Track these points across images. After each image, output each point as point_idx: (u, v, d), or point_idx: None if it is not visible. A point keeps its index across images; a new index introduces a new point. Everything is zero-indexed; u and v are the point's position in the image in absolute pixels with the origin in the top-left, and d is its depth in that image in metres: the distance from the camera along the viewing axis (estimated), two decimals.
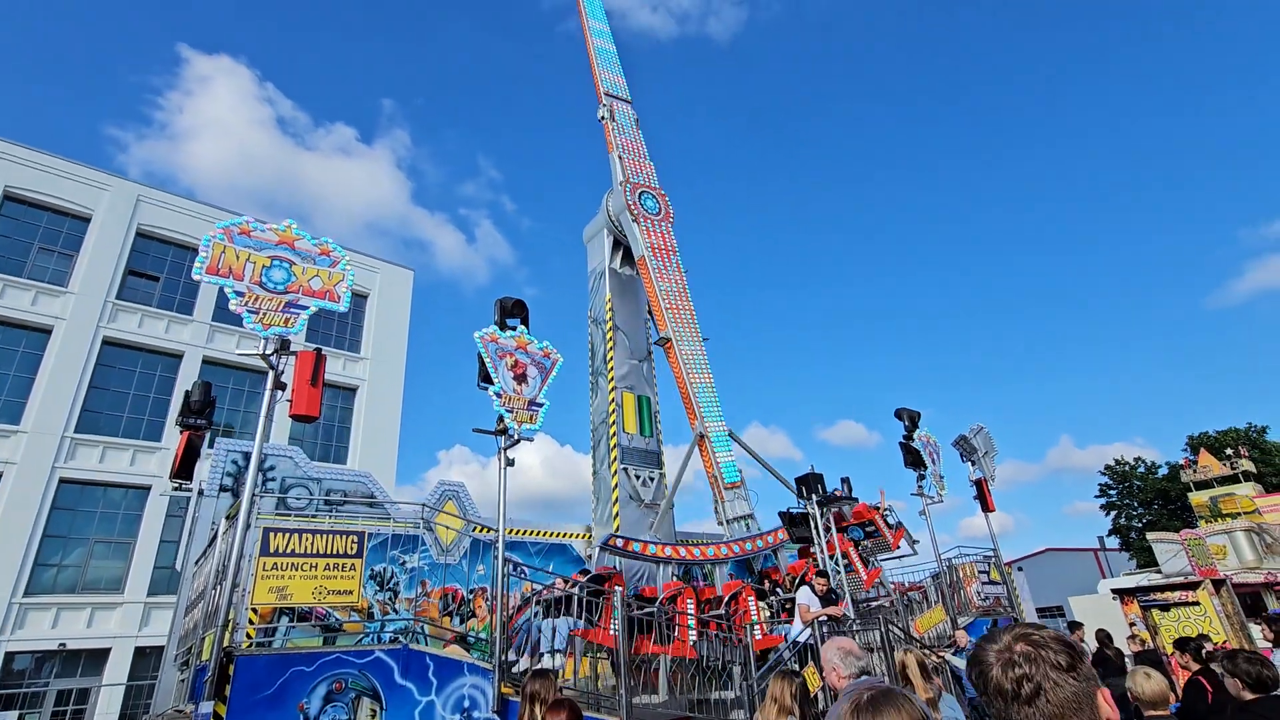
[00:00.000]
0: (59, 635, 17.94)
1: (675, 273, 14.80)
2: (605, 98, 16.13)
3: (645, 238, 14.68)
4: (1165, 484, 40.02)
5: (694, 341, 14.37)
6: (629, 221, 14.78)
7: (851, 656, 3.33)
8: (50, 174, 21.80)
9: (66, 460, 19.36)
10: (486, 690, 7.05)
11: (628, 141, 15.79)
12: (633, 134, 15.97)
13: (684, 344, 14.20)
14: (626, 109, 16.28)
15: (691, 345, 14.30)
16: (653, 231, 14.84)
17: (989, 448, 15.04)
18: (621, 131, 15.82)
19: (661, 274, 14.56)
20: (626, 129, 15.94)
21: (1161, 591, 14.14)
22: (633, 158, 15.61)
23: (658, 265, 14.59)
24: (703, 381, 14.02)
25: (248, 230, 6.61)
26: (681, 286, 14.78)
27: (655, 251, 14.68)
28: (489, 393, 7.94)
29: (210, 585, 7.34)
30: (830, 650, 3.40)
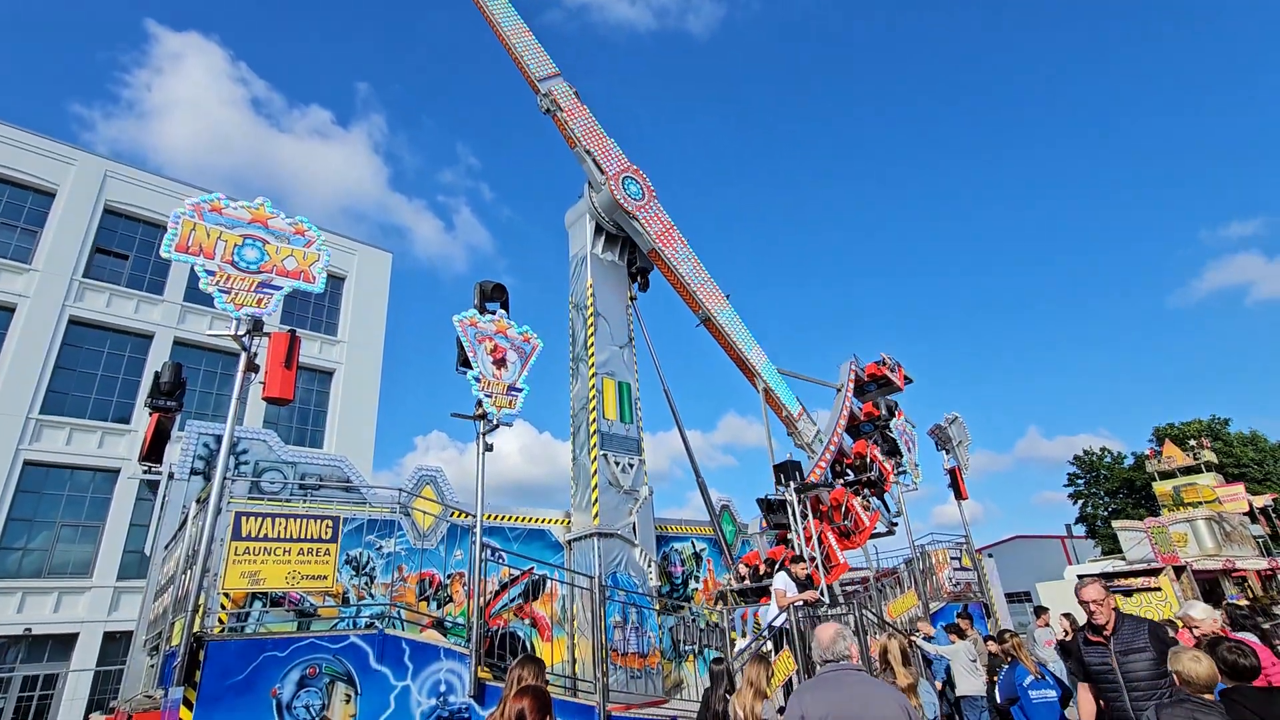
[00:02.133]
0: (24, 620, 17.56)
1: (685, 250, 14.98)
2: (541, 84, 15.50)
3: (647, 228, 14.52)
4: (1131, 474, 41.12)
5: (725, 308, 15.09)
6: (626, 219, 14.64)
7: (817, 646, 3.40)
8: (13, 146, 21.02)
9: (31, 442, 18.86)
10: (463, 675, 7.04)
11: (584, 126, 15.33)
12: (582, 115, 15.44)
13: (721, 316, 14.94)
14: (564, 87, 15.64)
15: (725, 314, 15.04)
16: (649, 219, 14.67)
17: (963, 437, 15.29)
18: (572, 118, 15.31)
19: (676, 257, 14.77)
20: (575, 112, 15.35)
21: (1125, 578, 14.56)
22: (597, 144, 15.17)
23: (670, 252, 14.70)
24: (745, 340, 14.92)
25: (219, 207, 6.43)
26: (694, 260, 15.16)
27: (661, 238, 14.66)
28: (468, 377, 7.86)
29: (180, 570, 7.21)
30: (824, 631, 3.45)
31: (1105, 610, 4.42)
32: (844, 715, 2.96)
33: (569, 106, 15.42)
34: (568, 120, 15.28)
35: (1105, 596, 4.47)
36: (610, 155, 15.24)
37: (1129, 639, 4.31)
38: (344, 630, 6.79)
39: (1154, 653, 4.17)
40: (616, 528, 12.25)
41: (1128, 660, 4.24)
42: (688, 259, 14.96)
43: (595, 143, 15.32)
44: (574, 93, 15.75)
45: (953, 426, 15.14)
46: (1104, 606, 4.43)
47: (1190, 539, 19.64)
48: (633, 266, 15.81)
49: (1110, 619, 4.41)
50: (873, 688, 3.11)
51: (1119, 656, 4.26)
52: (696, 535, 14.94)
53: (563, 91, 15.64)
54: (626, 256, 15.79)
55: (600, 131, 15.59)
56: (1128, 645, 4.28)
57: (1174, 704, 3.34)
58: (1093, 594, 4.48)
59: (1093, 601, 4.47)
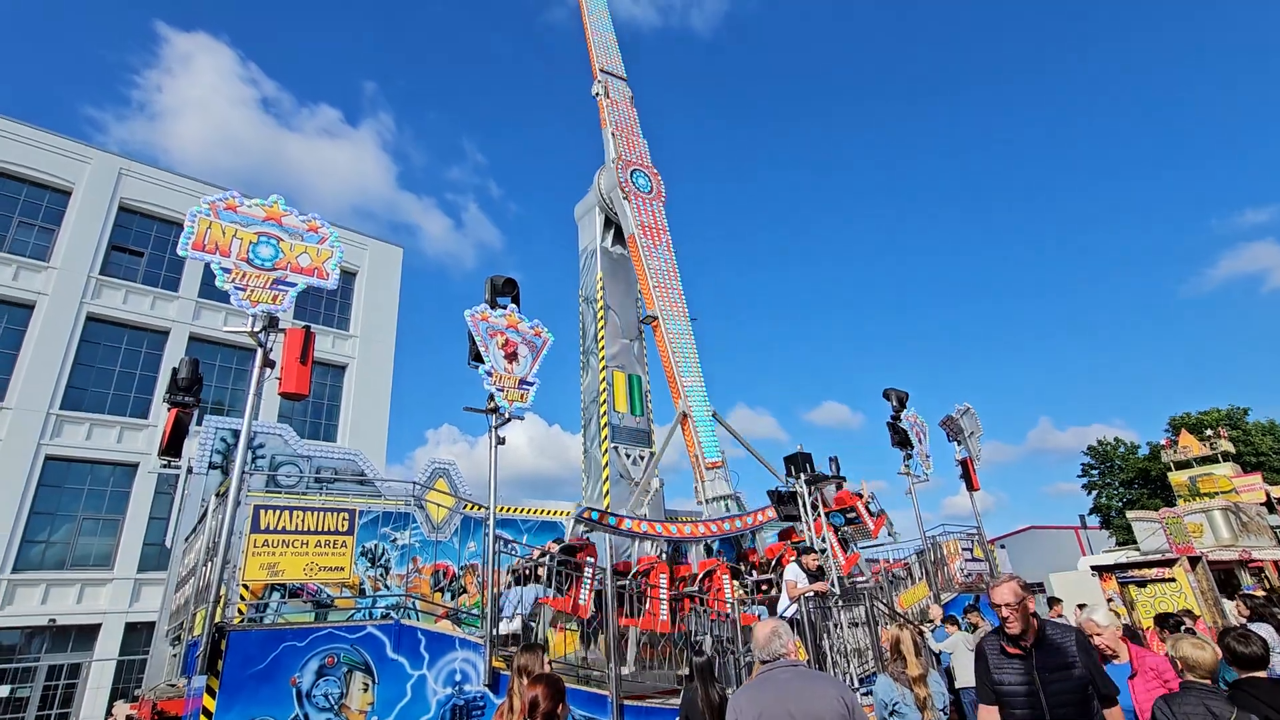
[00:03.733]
0: (49, 611, 17.94)
1: (665, 251, 14.70)
2: (600, 74, 15.87)
3: (636, 215, 14.57)
4: (1146, 464, 40.73)
5: (681, 320, 14.28)
6: (620, 199, 14.65)
7: (754, 646, 3.43)
8: (29, 146, 21.29)
9: (52, 437, 19.20)
10: (478, 664, 7.14)
11: (621, 118, 15.59)
12: (627, 111, 15.77)
13: (670, 323, 14.12)
14: (622, 86, 16.05)
15: (678, 325, 14.21)
16: (644, 210, 14.72)
17: (975, 428, 15.22)
18: (615, 108, 15.62)
19: (651, 252, 14.44)
20: (621, 105, 15.74)
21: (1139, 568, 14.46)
22: (626, 134, 15.44)
23: (647, 243, 14.48)
24: (688, 361, 13.94)
25: (234, 205, 6.51)
26: (671, 266, 14.69)
27: (645, 230, 14.58)
28: (480, 371, 7.93)
29: (201, 562, 7.36)
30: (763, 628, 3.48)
31: (1021, 616, 3.62)
32: (776, 714, 2.95)
33: (617, 98, 15.71)
34: (610, 106, 15.52)
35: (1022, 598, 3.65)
36: (634, 148, 15.35)
37: (1055, 651, 3.52)
38: (361, 621, 6.91)
39: (1084, 668, 3.45)
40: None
41: (1054, 678, 3.45)
42: (662, 260, 14.66)
43: (625, 132, 15.50)
44: (629, 97, 16.02)
45: (964, 418, 15.07)
46: (1019, 611, 3.61)
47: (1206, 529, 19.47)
48: None
49: (1029, 626, 3.62)
50: (809, 682, 3.10)
51: (1043, 674, 3.47)
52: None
53: (619, 87, 15.93)
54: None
55: (636, 130, 15.76)
56: (1054, 659, 3.50)
57: (1182, 693, 3.35)
58: (1005, 595, 3.64)
59: (1005, 605, 3.62)
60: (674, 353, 13.91)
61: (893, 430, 13.50)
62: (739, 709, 3.12)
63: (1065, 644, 3.55)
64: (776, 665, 3.22)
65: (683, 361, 13.93)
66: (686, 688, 6.64)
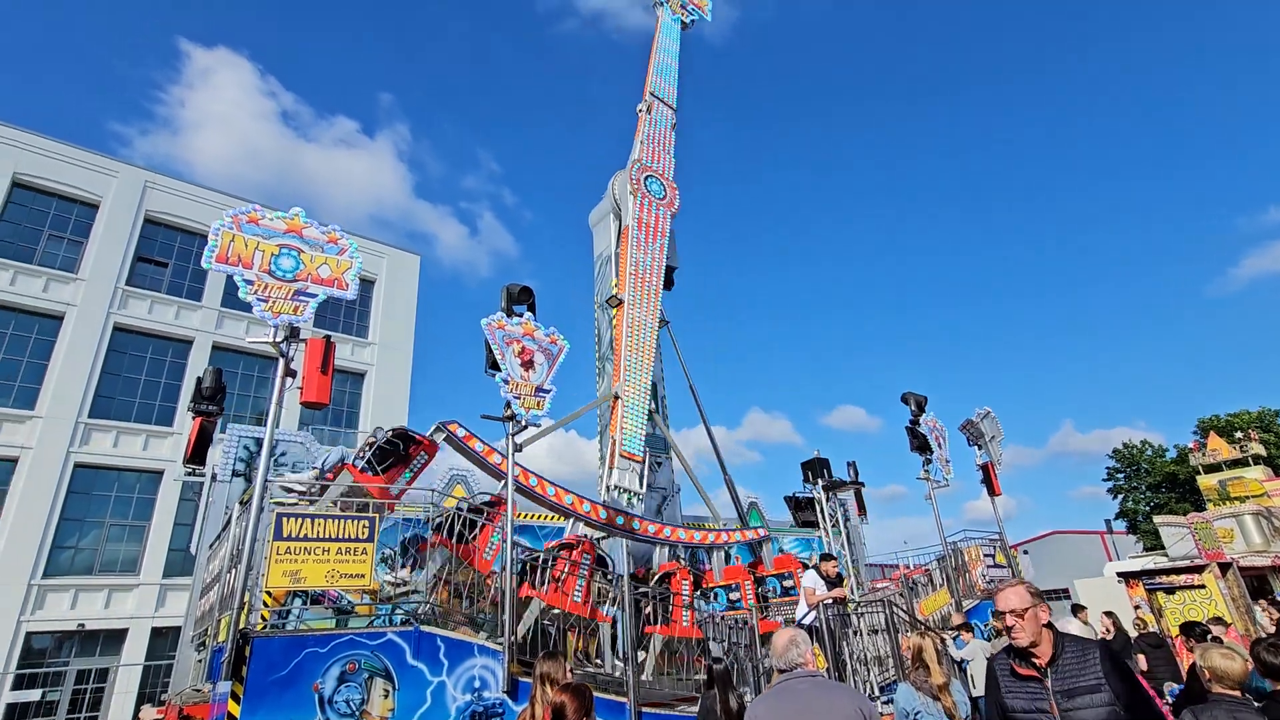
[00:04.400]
0: (77, 616, 18.30)
1: (657, 253, 14.52)
2: (650, 95, 16.16)
3: (638, 211, 14.48)
4: (1173, 467, 39.88)
5: (647, 316, 13.99)
6: (626, 194, 14.69)
7: (771, 654, 3.39)
8: (58, 160, 21.84)
9: (80, 445, 19.61)
10: (496, 671, 7.18)
11: (656, 134, 15.81)
12: (664, 132, 15.98)
13: (635, 310, 13.85)
14: (667, 111, 16.30)
15: (643, 317, 13.90)
16: (647, 210, 14.64)
17: (996, 432, 15.02)
18: (653, 126, 15.86)
19: (640, 247, 14.33)
20: (660, 125, 15.97)
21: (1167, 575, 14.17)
22: (655, 148, 15.58)
23: (639, 237, 14.39)
24: (639, 354, 13.59)
25: (256, 219, 6.64)
26: (657, 266, 14.56)
27: (642, 226, 14.43)
28: (497, 379, 7.99)
29: (226, 569, 7.48)
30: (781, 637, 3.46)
31: (1030, 627, 3.00)
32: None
33: (658, 119, 16.02)
34: (649, 123, 15.76)
35: (1030, 605, 3.02)
36: (657, 159, 15.47)
37: (1075, 672, 2.89)
38: (381, 627, 6.97)
39: (1110, 692, 2.78)
40: None
41: (1075, 705, 2.83)
42: (650, 258, 14.47)
43: (656, 146, 15.65)
44: (671, 122, 16.31)
45: (985, 422, 14.89)
46: (1028, 622, 3.00)
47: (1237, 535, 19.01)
48: None
49: (1043, 641, 2.99)
50: (826, 693, 3.08)
51: (1060, 698, 2.88)
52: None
53: (663, 110, 16.16)
54: None
55: (668, 149, 15.90)
56: (1075, 682, 2.86)
57: (1210, 705, 3.28)
58: (1009, 600, 3.05)
59: (1010, 612, 3.04)
60: (629, 337, 13.57)
61: (911, 435, 13.38)
62: (756, 718, 3.11)
63: (1088, 662, 2.88)
64: (794, 675, 3.20)
65: (635, 352, 13.56)
66: (704, 695, 6.62)
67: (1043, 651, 2.98)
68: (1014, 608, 3.04)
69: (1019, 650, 3.04)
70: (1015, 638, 3.02)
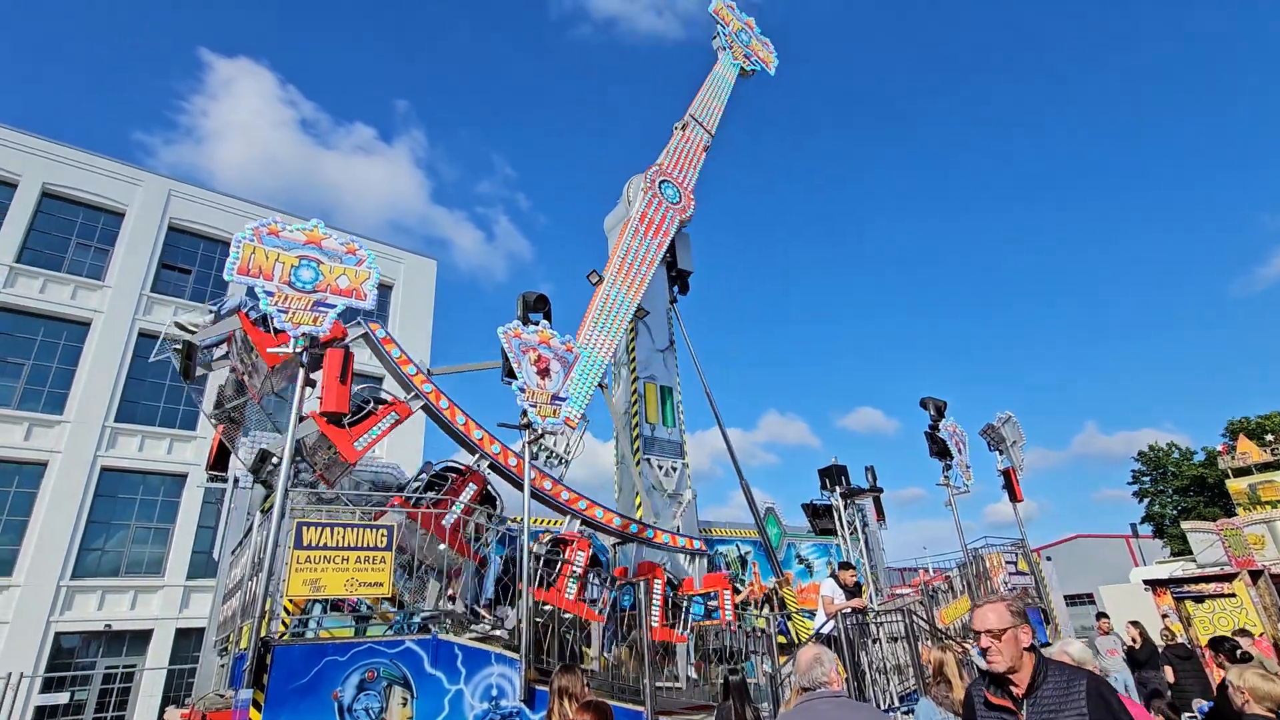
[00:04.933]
0: (104, 617, 18.67)
1: (655, 249, 14.17)
2: (689, 117, 16.39)
3: (644, 208, 14.22)
4: (1202, 471, 39.04)
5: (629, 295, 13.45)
6: (637, 191, 14.63)
7: (797, 672, 3.32)
8: (86, 171, 22.33)
9: (107, 449, 20.02)
10: (514, 679, 7.19)
11: (687, 150, 15.90)
12: (695, 150, 16.06)
13: (614, 290, 13.33)
14: (703, 134, 16.42)
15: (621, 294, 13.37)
16: (655, 209, 14.37)
17: (1017, 437, 14.79)
18: (685, 141, 15.98)
19: (638, 237, 14.01)
20: (692, 143, 16.09)
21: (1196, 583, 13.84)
22: (681, 160, 15.61)
23: (638, 228, 14.10)
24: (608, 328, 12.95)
25: (276, 230, 6.72)
26: (651, 259, 14.12)
27: (645, 220, 13.99)
28: (513, 387, 8.01)
29: (247, 576, 7.57)
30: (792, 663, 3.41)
31: (1009, 651, 2.66)
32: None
33: (691, 135, 16.26)
34: (681, 140, 16.01)
35: (1011, 626, 2.67)
36: (680, 169, 15.47)
37: (1055, 705, 2.56)
38: (399, 635, 7.01)
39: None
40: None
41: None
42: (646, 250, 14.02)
43: (682, 158, 15.74)
44: (705, 145, 16.40)
45: (1006, 426, 14.66)
46: (1006, 644, 2.66)
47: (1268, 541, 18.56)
48: (672, 270, 15.83)
49: (1023, 667, 2.66)
50: (850, 714, 3.04)
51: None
52: (741, 538, 14.87)
53: (699, 132, 16.37)
54: (666, 260, 15.80)
55: (694, 165, 15.99)
56: (1051, 717, 2.55)
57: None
58: (986, 619, 2.74)
59: (986, 632, 2.71)
60: (600, 311, 12.99)
61: (931, 440, 13.21)
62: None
63: (1072, 695, 2.54)
64: (817, 695, 3.17)
65: (604, 327, 12.91)
66: (720, 706, 6.58)
67: (1021, 679, 2.65)
68: (991, 627, 2.68)
69: (995, 677, 2.72)
70: (991, 662, 2.71)
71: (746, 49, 18.92)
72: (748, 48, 18.99)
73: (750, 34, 19.33)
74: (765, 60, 19.38)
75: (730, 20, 18.87)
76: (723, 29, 18.59)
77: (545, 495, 9.73)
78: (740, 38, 18.92)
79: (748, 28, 19.37)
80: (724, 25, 18.65)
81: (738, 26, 19.04)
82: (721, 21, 18.60)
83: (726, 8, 18.91)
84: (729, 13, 18.90)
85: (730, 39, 18.60)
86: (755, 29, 19.64)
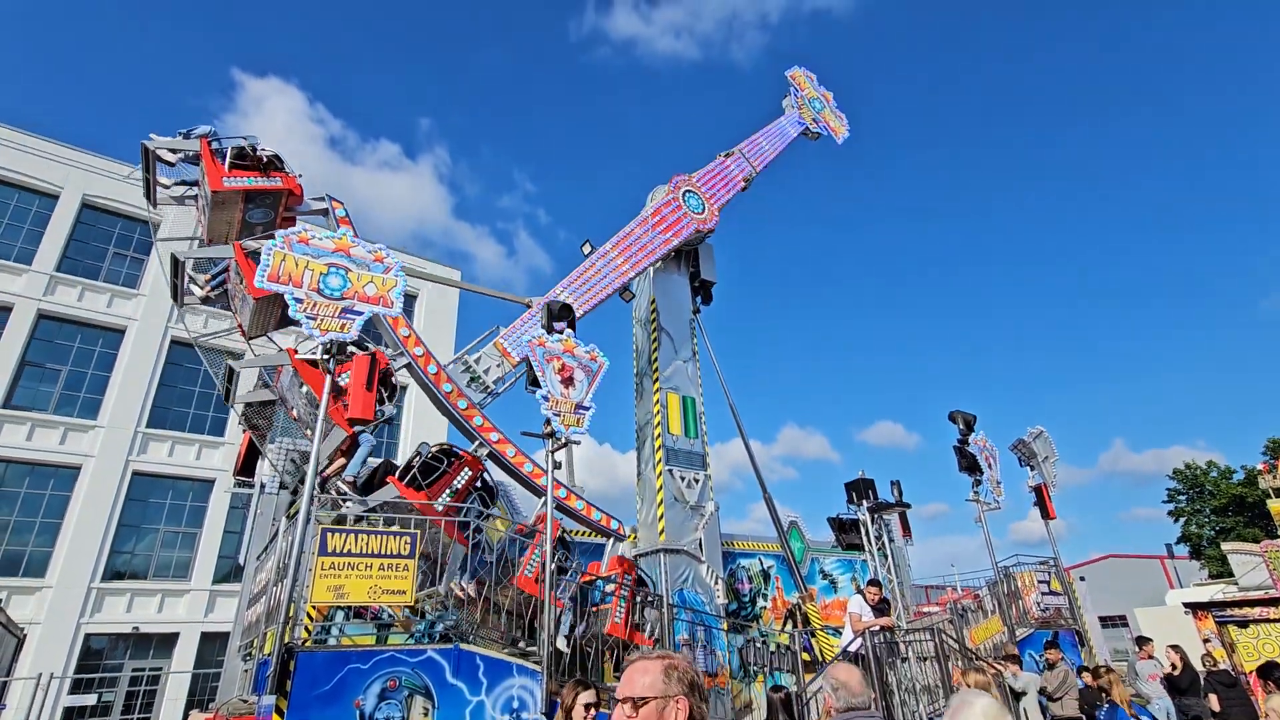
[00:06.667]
0: (132, 619, 18.95)
1: (660, 245, 13.86)
2: (738, 152, 16.68)
3: (662, 207, 13.98)
4: (1241, 490, 37.74)
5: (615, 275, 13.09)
6: (659, 194, 14.59)
7: (844, 690, 3.12)
8: (124, 182, 22.94)
9: (138, 454, 20.41)
10: (535, 691, 7.11)
11: (725, 176, 16.04)
12: (733, 179, 16.20)
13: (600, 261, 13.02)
14: (748, 169, 16.62)
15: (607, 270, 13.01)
16: (671, 214, 14.10)
17: (1049, 452, 14.41)
18: (725, 170, 16.16)
19: (644, 225, 13.74)
20: (731, 171, 16.26)
21: (1240, 607, 13.32)
22: (715, 180, 15.69)
23: (647, 219, 13.89)
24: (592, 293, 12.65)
25: (306, 239, 6.80)
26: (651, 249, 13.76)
27: (657, 217, 13.73)
28: (537, 396, 7.99)
29: (272, 582, 7.60)
30: (825, 678, 3.26)
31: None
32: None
33: (732, 165, 16.41)
34: (722, 165, 16.19)
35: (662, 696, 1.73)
36: (711, 186, 15.50)
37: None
38: (421, 644, 6.98)
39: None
40: (682, 544, 12.15)
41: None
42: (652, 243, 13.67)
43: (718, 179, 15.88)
44: (747, 178, 16.54)
45: (1037, 441, 14.30)
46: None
47: None
48: (695, 280, 15.77)
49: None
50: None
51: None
52: (764, 552, 14.65)
53: (742, 165, 16.58)
54: (689, 270, 15.76)
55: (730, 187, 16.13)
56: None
57: None
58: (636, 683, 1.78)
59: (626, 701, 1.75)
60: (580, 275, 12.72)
61: (960, 455, 12.92)
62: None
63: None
64: (864, 714, 3.05)
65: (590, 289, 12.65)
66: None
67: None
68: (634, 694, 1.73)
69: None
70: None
71: (817, 115, 19.07)
72: (819, 114, 19.13)
73: (825, 105, 19.49)
74: (835, 130, 19.46)
75: (806, 88, 19.11)
76: (795, 92, 18.84)
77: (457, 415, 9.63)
78: (813, 105, 19.12)
79: (824, 99, 19.52)
80: (798, 90, 18.89)
81: (813, 95, 19.25)
82: (796, 87, 18.85)
83: (805, 77, 19.15)
84: (806, 81, 19.14)
85: (802, 103, 18.84)
86: (832, 103, 19.75)
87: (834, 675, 3.19)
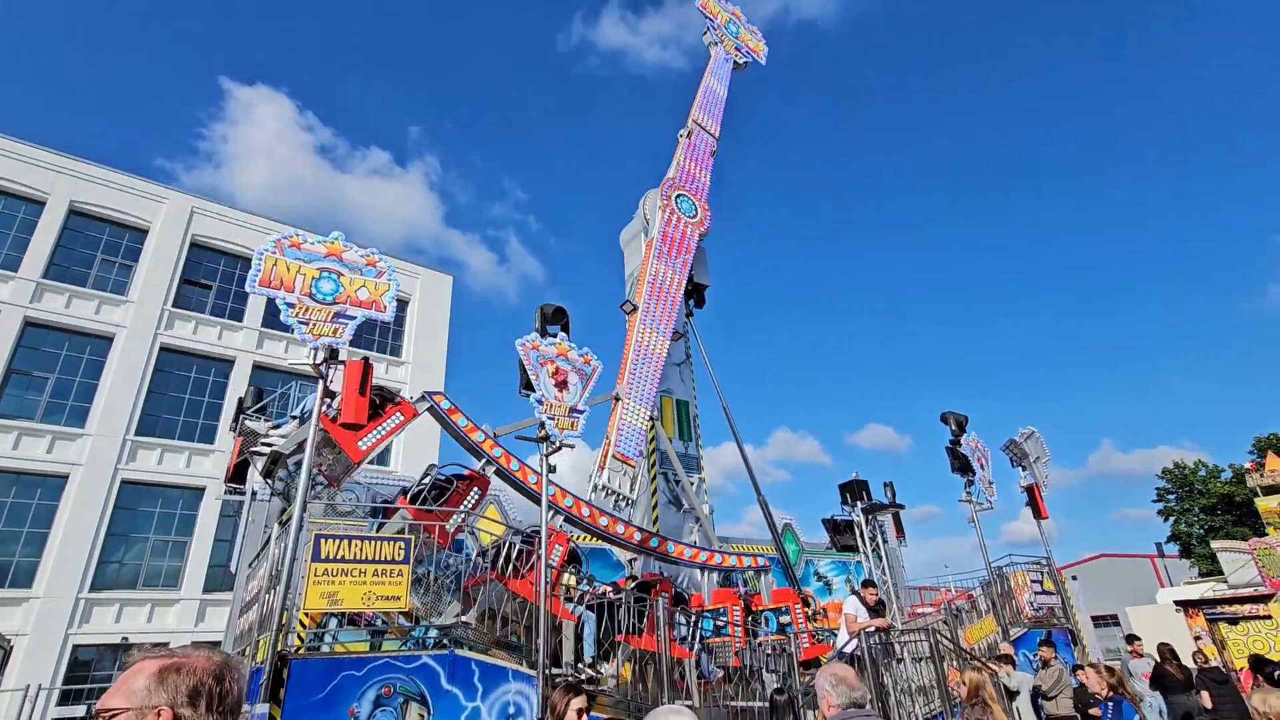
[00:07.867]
0: (121, 630, 18.71)
1: (679, 267, 14.36)
2: (692, 123, 16.53)
3: (664, 226, 14.39)
4: (1229, 488, 38.09)
5: (661, 322, 13.77)
6: (656, 210, 14.70)
7: (844, 686, 3.14)
8: (112, 188, 22.79)
9: (127, 462, 20.19)
10: (531, 696, 7.07)
11: (695, 157, 16.04)
12: (703, 156, 16.19)
13: (648, 320, 13.69)
14: (708, 138, 16.57)
15: (655, 324, 13.69)
16: (674, 225, 14.52)
17: (1041, 453, 14.50)
18: (693, 149, 16.12)
19: (663, 259, 14.20)
20: (699, 149, 16.23)
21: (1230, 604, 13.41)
22: (691, 168, 15.72)
23: (661, 249, 14.32)
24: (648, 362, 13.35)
25: (298, 243, 6.76)
26: (679, 280, 14.40)
27: (666, 239, 14.23)
28: (531, 400, 7.97)
29: (265, 589, 7.53)
30: (823, 676, 3.26)
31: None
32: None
33: (697, 143, 16.48)
34: (688, 147, 16.16)
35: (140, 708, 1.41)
36: (692, 179, 15.54)
37: None
38: (416, 650, 6.93)
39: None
40: None
41: None
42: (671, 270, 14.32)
43: (692, 166, 15.84)
44: (711, 149, 16.64)
45: (1029, 442, 14.38)
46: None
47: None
48: (689, 284, 15.79)
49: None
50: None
51: None
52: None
53: (704, 138, 16.60)
54: None
55: (704, 171, 16.10)
56: None
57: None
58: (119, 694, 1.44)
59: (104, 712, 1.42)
60: (637, 342, 13.36)
61: (952, 455, 12.98)
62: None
63: None
64: (862, 713, 3.05)
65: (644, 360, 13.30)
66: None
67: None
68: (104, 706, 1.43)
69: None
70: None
71: (736, 40, 19.00)
72: (737, 39, 19.06)
73: (738, 23, 19.45)
74: (755, 50, 19.50)
75: (718, 12, 19.00)
76: (711, 23, 18.72)
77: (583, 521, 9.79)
78: (729, 29, 19.00)
79: (735, 17, 19.49)
80: (712, 19, 18.77)
81: (725, 18, 19.16)
82: (709, 15, 18.74)
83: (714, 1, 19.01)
84: (716, 5, 19.01)
85: (720, 32, 18.69)
86: (742, 18, 19.75)
87: (832, 672, 3.19)
